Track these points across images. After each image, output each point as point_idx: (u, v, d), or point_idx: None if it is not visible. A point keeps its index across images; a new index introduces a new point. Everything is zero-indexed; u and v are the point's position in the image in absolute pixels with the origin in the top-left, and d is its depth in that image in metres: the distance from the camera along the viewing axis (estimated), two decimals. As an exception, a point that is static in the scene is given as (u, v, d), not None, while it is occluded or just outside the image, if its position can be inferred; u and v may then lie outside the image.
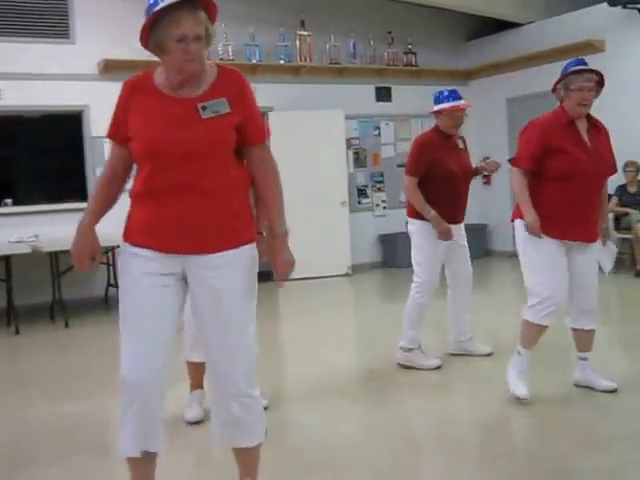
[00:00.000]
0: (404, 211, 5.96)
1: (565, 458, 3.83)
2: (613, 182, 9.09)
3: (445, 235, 5.56)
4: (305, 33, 11.28)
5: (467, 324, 6.01)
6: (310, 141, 10.74)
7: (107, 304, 9.60)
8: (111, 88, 9.70)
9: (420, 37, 12.28)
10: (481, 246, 11.82)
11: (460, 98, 5.81)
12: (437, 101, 5.82)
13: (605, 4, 10.21)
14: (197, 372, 4.57)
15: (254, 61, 10.94)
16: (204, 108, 2.90)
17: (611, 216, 9.30)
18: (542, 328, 4.65)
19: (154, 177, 2.90)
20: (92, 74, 10.02)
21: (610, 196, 9.14)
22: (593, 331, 4.82)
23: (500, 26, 12.38)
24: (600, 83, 4.56)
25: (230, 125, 2.93)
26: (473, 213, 11.90)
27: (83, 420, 4.91)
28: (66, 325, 8.38)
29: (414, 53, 12.25)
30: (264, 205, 3.12)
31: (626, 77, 10.37)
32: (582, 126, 4.61)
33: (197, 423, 4.56)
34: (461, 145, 5.92)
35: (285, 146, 10.87)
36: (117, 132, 3.02)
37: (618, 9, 10.22)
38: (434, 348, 5.96)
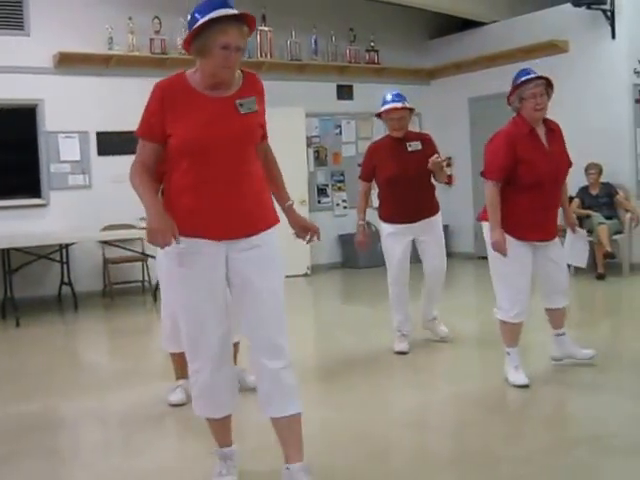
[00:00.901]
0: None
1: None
2: (574, 184, 9.07)
3: (358, 244, 6.20)
4: (266, 28, 11.10)
5: (434, 307, 6.37)
6: (270, 139, 10.43)
7: (60, 303, 9.39)
8: (66, 82, 9.73)
9: (383, 35, 12.15)
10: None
11: (396, 100, 5.91)
12: (381, 105, 6.02)
13: (569, 4, 10.14)
14: (180, 362, 4.67)
15: (214, 55, 10.70)
16: (241, 105, 3.25)
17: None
18: (516, 325, 5.04)
19: (200, 170, 3.20)
20: (47, 67, 9.78)
21: (572, 198, 9.12)
22: (565, 308, 5.28)
23: (464, 25, 12.33)
24: (549, 85, 4.90)
25: (258, 121, 3.35)
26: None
27: (33, 421, 4.80)
28: (17, 324, 8.20)
29: (376, 51, 12.13)
30: (277, 188, 3.55)
31: (589, 78, 10.36)
32: (541, 132, 4.96)
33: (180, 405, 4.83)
34: (416, 147, 6.01)
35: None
36: (151, 131, 3.22)
37: (582, 10, 10.19)
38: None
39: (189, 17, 3.22)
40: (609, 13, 10.13)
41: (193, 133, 3.17)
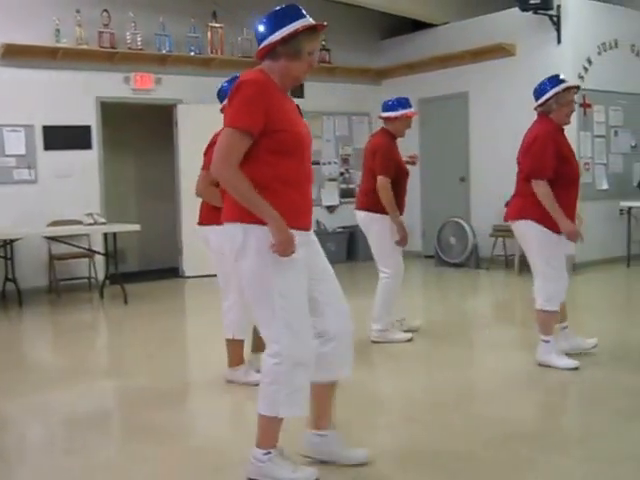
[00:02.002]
0: (315, 209, 6.08)
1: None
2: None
3: (405, 241, 6.31)
4: (217, 25, 11.06)
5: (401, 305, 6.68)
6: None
7: (4, 299, 9.24)
8: (12, 74, 9.58)
9: (335, 34, 12.08)
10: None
11: (411, 106, 6.38)
12: (390, 108, 6.35)
13: (517, 9, 10.26)
14: (241, 349, 5.22)
15: (163, 51, 10.67)
16: (299, 108, 3.54)
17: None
18: (557, 314, 5.42)
19: (300, 167, 3.40)
20: (-8, 59, 9.59)
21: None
22: (564, 302, 5.57)
23: (415, 26, 12.40)
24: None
25: None
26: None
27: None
28: (-41, 321, 8.04)
29: (328, 50, 12.12)
30: None
31: (535, 81, 10.26)
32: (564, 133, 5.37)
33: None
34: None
35: (194, 140, 10.62)
36: (255, 126, 3.25)
37: (529, 14, 10.31)
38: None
39: (263, 24, 3.37)
40: (555, 18, 10.27)
41: (297, 130, 3.38)
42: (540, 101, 5.34)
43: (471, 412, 4.60)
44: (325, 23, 3.42)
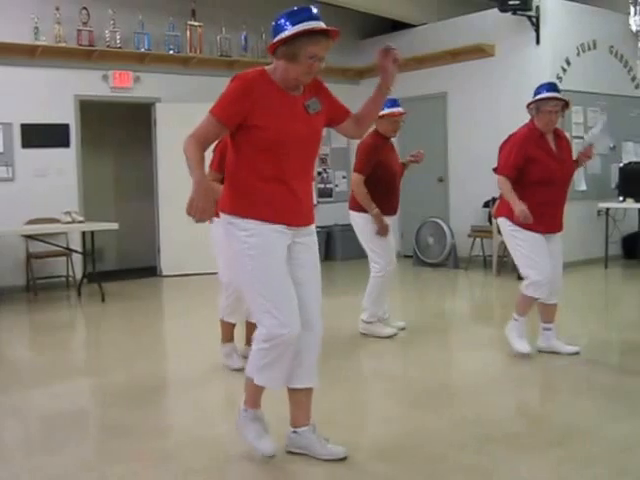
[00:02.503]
0: None
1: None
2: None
3: (384, 231, 6.35)
4: (196, 23, 11.03)
5: (387, 304, 6.78)
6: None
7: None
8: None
9: (314, 33, 12.14)
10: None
11: (399, 105, 6.49)
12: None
13: (496, 10, 10.28)
14: (231, 330, 5.62)
15: (142, 50, 10.63)
16: (308, 106, 3.56)
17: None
18: (534, 300, 5.62)
19: (280, 163, 3.49)
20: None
21: (495, 199, 9.26)
22: (555, 305, 5.79)
23: (394, 27, 12.41)
24: (566, 106, 5.50)
25: (322, 122, 3.67)
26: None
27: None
28: None
29: (307, 49, 12.07)
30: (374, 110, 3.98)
31: (514, 81, 10.51)
32: (550, 138, 5.54)
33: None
34: (393, 147, 6.67)
35: (173, 139, 10.53)
36: (230, 116, 3.44)
37: (508, 15, 10.33)
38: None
39: (275, 22, 3.47)
40: (534, 19, 10.30)
41: (279, 127, 3.45)
42: (527, 103, 5.57)
43: (448, 413, 4.59)
44: (334, 28, 3.45)
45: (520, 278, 9.33)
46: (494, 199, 5.49)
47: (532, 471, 3.67)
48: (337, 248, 11.57)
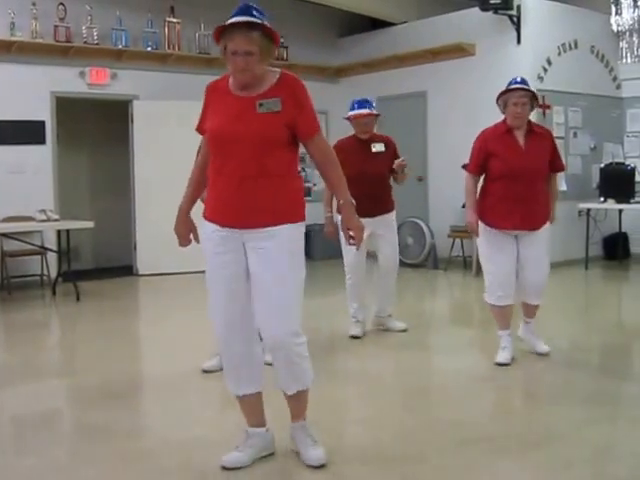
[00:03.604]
0: None
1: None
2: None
3: (327, 234, 6.44)
4: (174, 20, 10.93)
5: (389, 304, 6.79)
6: (177, 132, 9.98)
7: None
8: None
9: (292, 31, 12.04)
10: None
11: (365, 107, 6.47)
12: (349, 109, 6.55)
13: (477, 9, 10.25)
14: None
15: (120, 46, 10.51)
16: (261, 105, 3.46)
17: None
18: (501, 309, 5.50)
19: (220, 163, 3.50)
20: (-58, 51, 9.36)
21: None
22: (537, 306, 5.70)
23: (374, 25, 12.36)
24: (535, 98, 5.38)
25: (280, 121, 3.47)
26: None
27: None
28: None
29: (285, 47, 12.02)
30: (330, 185, 3.72)
31: (494, 81, 10.37)
32: (520, 133, 5.40)
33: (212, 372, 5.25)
34: (378, 148, 6.56)
35: (150, 136, 10.53)
36: (200, 126, 3.64)
37: (489, 14, 10.32)
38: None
39: None
40: (515, 19, 10.29)
41: (216, 128, 3.50)
42: (496, 98, 5.51)
43: (426, 415, 4.57)
44: (241, 19, 3.39)
45: None
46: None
47: (511, 473, 3.66)
48: (316, 248, 11.48)
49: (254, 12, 3.45)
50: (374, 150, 6.53)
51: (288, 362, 3.58)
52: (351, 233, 3.60)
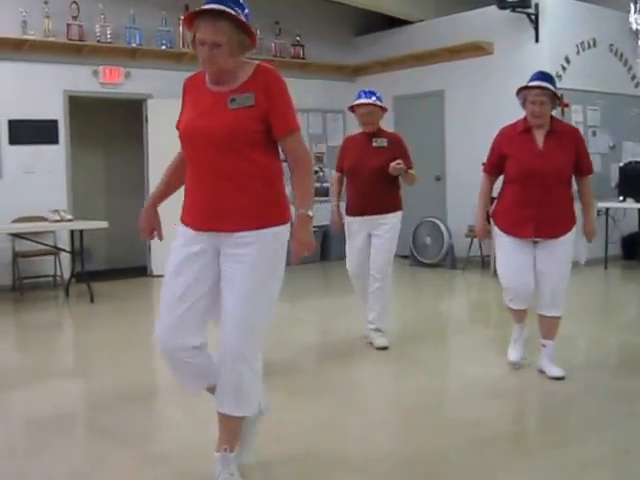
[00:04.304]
0: None
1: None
2: (498, 185, 9.11)
3: (332, 225, 6.35)
4: (189, 18, 10.79)
5: (380, 317, 6.17)
6: None
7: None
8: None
9: (309, 30, 11.99)
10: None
11: (367, 97, 6.13)
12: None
13: (494, 7, 10.18)
14: None
15: (133, 45, 10.44)
16: (233, 100, 3.23)
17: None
18: (514, 311, 5.30)
19: (191, 161, 3.32)
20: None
21: (493, 199, 9.12)
22: (555, 321, 5.16)
23: (391, 23, 12.27)
24: (555, 96, 5.00)
25: (253, 117, 3.22)
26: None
27: None
28: None
29: (302, 45, 11.97)
30: (295, 192, 3.37)
31: (512, 80, 10.31)
32: (540, 132, 5.03)
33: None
34: (380, 143, 6.14)
35: (164, 136, 10.36)
36: (178, 123, 3.42)
37: (507, 12, 10.25)
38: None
39: None
40: (533, 17, 10.23)
41: (185, 124, 3.33)
42: (516, 91, 5.16)
43: (443, 416, 4.55)
44: (198, 9, 3.15)
45: None
46: (492, 199, 5.36)
47: (530, 473, 3.63)
48: (333, 248, 11.37)
49: (227, 0, 3.16)
50: (375, 145, 6.12)
51: (235, 383, 3.31)
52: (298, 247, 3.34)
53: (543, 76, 5.04)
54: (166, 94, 10.39)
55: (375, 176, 6.03)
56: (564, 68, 10.42)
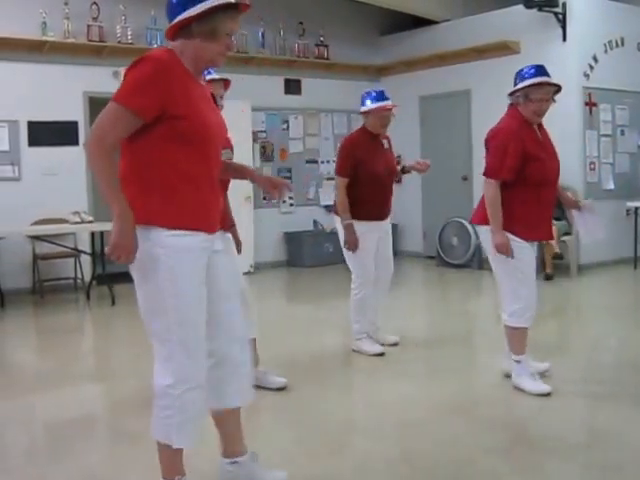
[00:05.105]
0: (312, 209, 5.85)
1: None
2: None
3: (350, 245, 5.77)
4: (210, 19, 10.70)
5: (376, 316, 6.13)
6: None
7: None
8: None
9: (333, 29, 11.88)
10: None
11: (387, 98, 5.94)
12: (364, 101, 5.96)
13: (521, 6, 10.07)
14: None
15: (155, 46, 10.30)
16: (213, 98, 3.19)
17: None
18: (526, 330, 4.81)
19: (200, 161, 2.99)
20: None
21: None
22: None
23: (416, 23, 12.15)
24: (558, 91, 4.76)
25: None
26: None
27: None
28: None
29: (326, 46, 11.87)
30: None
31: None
32: (536, 129, 4.80)
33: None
34: (386, 145, 6.06)
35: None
36: (149, 109, 2.87)
37: (534, 12, 10.13)
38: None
39: (172, 1, 3.01)
40: (560, 16, 10.10)
41: (200, 117, 2.97)
42: (511, 90, 4.80)
43: (473, 417, 4.46)
44: (247, 2, 3.04)
45: (548, 278, 9.31)
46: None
47: (561, 475, 3.61)
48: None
49: None
50: (386, 147, 6.05)
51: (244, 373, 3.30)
52: None
53: (544, 70, 4.75)
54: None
55: (392, 179, 6.04)
56: (592, 67, 10.28)
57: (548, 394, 4.67)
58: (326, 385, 5.22)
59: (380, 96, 5.91)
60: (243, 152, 10.79)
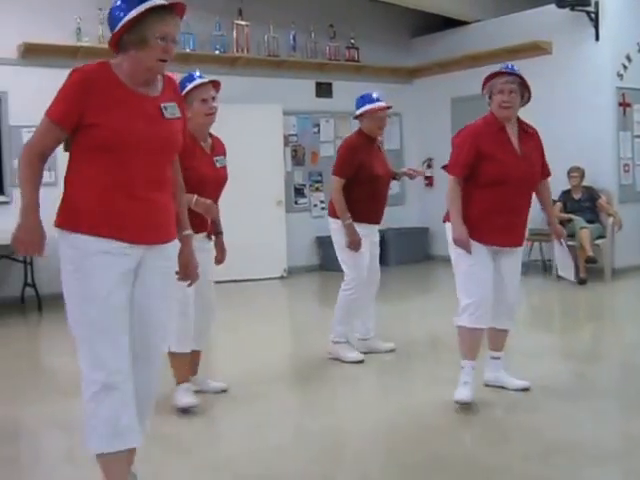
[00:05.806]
0: None
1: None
2: (557, 187, 8.95)
3: (355, 244, 5.77)
4: (243, 23, 10.80)
5: (372, 322, 6.16)
6: (246, 137, 9.96)
7: (23, 305, 9.07)
8: (32, 74, 9.34)
9: (364, 32, 11.88)
10: (422, 250, 11.14)
11: (379, 100, 5.93)
12: (358, 105, 5.98)
13: (553, 5, 10.03)
14: (186, 364, 4.80)
15: (187, 50, 10.38)
16: (165, 108, 3.11)
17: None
18: (477, 332, 4.65)
19: (119, 169, 3.00)
20: (11, 58, 9.37)
21: (554, 202, 8.92)
22: (507, 331, 4.94)
23: (447, 24, 12.13)
24: (525, 87, 4.66)
25: (181, 129, 3.21)
26: (414, 216, 11.82)
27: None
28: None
29: (357, 48, 11.87)
30: (178, 210, 3.33)
31: (572, 80, 10.24)
32: (512, 132, 4.70)
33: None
34: (382, 147, 6.19)
35: (218, 141, 10.40)
36: (67, 118, 2.99)
37: (566, 11, 10.08)
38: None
39: (110, 13, 3.07)
40: (593, 15, 10.05)
41: (118, 127, 2.98)
42: (484, 92, 4.81)
43: (508, 424, 4.45)
44: (178, 1, 3.02)
45: (582, 282, 9.25)
46: (553, 201, 5.23)
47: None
48: (390, 253, 11.21)
49: None
50: (381, 149, 6.14)
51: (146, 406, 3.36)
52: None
53: (512, 67, 4.76)
54: (220, 99, 10.34)
55: (389, 181, 6.10)
56: (625, 67, 10.20)
57: (465, 404, 4.58)
58: (358, 388, 5.27)
59: (372, 98, 5.92)
60: (275, 156, 10.88)
